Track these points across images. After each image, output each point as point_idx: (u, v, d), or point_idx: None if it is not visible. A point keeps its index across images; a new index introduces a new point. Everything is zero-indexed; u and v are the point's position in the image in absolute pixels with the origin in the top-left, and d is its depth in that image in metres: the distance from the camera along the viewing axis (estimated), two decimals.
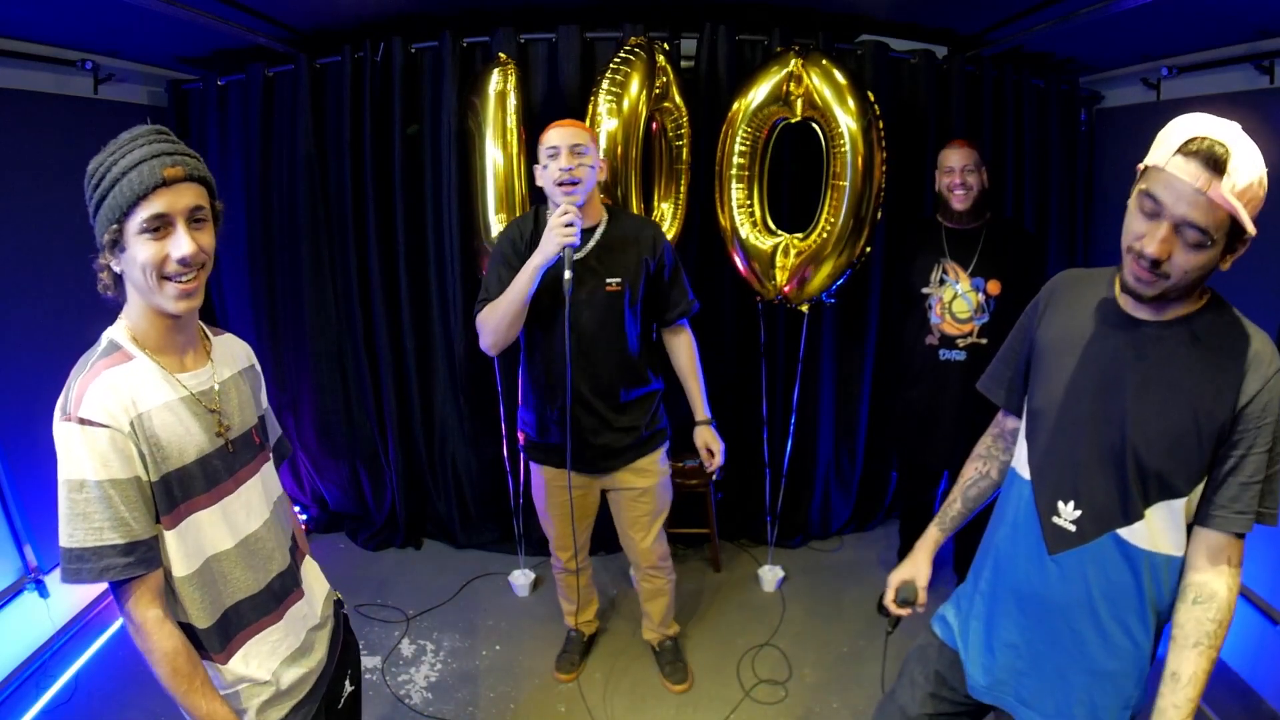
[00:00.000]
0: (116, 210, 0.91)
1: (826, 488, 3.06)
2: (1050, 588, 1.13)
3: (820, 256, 2.28)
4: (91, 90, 2.48)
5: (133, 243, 0.93)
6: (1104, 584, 1.08)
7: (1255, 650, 2.16)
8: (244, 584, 1.08)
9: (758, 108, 2.29)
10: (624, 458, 1.96)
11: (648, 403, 1.97)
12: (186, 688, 0.98)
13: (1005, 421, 1.35)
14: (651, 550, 2.11)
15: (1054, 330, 1.16)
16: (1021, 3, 2.19)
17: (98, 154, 0.95)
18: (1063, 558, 1.11)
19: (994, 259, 2.21)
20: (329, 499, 3.23)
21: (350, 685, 1.33)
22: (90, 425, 0.91)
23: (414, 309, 2.83)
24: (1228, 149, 0.89)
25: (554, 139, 1.74)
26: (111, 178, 0.92)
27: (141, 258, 0.93)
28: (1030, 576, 1.15)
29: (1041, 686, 1.18)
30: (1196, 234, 0.91)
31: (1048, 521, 1.12)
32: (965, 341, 2.24)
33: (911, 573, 1.39)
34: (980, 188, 2.21)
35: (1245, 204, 0.90)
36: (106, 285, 0.99)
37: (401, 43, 2.55)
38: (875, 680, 2.30)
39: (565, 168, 1.70)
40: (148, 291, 0.96)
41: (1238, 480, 1.00)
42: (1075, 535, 1.09)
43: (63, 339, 1.26)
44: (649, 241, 1.86)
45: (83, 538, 0.91)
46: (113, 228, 0.92)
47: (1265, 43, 2.13)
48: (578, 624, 2.35)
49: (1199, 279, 0.96)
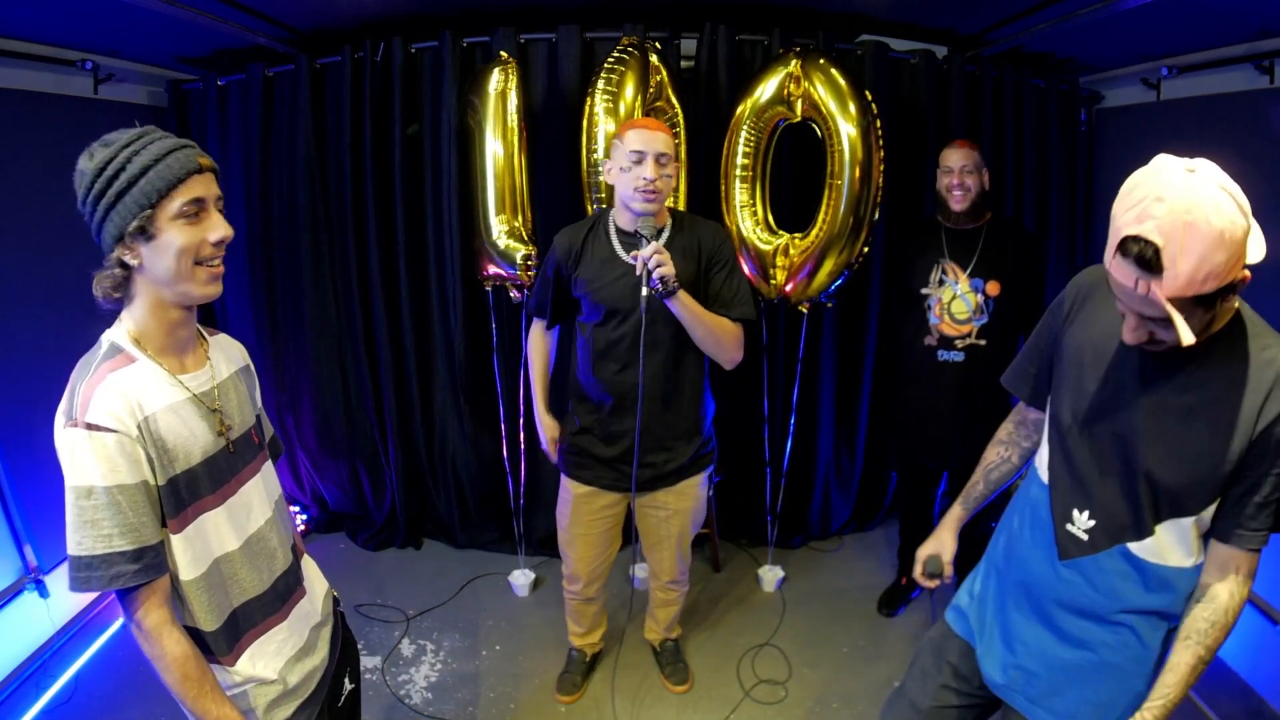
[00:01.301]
0: (151, 196, 0.92)
1: (826, 488, 3.06)
2: (1060, 591, 1.15)
3: (819, 256, 2.28)
4: (91, 90, 2.48)
5: (167, 229, 0.94)
6: (1111, 591, 1.10)
7: (1255, 650, 2.16)
8: (250, 584, 1.09)
9: (761, 108, 2.30)
10: (667, 480, 1.88)
11: (700, 422, 1.88)
12: (196, 693, 0.98)
13: (1027, 412, 1.37)
14: (675, 566, 2.06)
15: (1080, 335, 1.15)
16: (1021, 3, 2.19)
17: (90, 154, 0.94)
18: (1073, 564, 1.12)
19: (993, 260, 2.20)
20: (329, 499, 3.23)
21: (350, 683, 1.34)
22: (98, 430, 0.90)
23: (414, 309, 2.83)
24: (1158, 247, 0.85)
25: (638, 143, 1.62)
26: (140, 165, 0.92)
27: (179, 242, 0.94)
28: (1042, 578, 1.17)
29: (1051, 686, 1.19)
30: (1159, 323, 0.91)
31: (1061, 528, 1.13)
32: (964, 343, 2.24)
33: (937, 547, 1.43)
34: (979, 189, 2.20)
35: (1206, 280, 0.85)
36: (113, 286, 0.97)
37: (401, 43, 2.55)
38: (875, 680, 2.31)
39: (648, 178, 1.61)
40: (176, 280, 0.96)
41: (1254, 499, 1.00)
42: (1087, 544, 1.10)
43: (63, 339, 1.26)
44: (711, 247, 1.77)
45: (91, 545, 0.90)
46: (144, 214, 0.92)
47: (1265, 43, 2.13)
48: (582, 645, 2.29)
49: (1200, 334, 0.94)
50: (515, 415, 2.72)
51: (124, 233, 0.93)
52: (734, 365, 1.80)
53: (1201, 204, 0.84)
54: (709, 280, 1.77)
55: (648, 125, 1.68)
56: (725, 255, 1.78)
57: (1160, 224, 0.85)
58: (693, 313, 1.66)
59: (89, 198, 0.94)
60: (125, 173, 0.92)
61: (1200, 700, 2.12)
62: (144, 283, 0.97)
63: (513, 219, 2.37)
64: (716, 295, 1.76)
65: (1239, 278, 0.89)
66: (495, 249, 2.36)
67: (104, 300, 0.98)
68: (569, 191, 2.54)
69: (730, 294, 1.76)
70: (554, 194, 2.57)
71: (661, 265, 1.55)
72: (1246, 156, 2.19)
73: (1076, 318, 1.16)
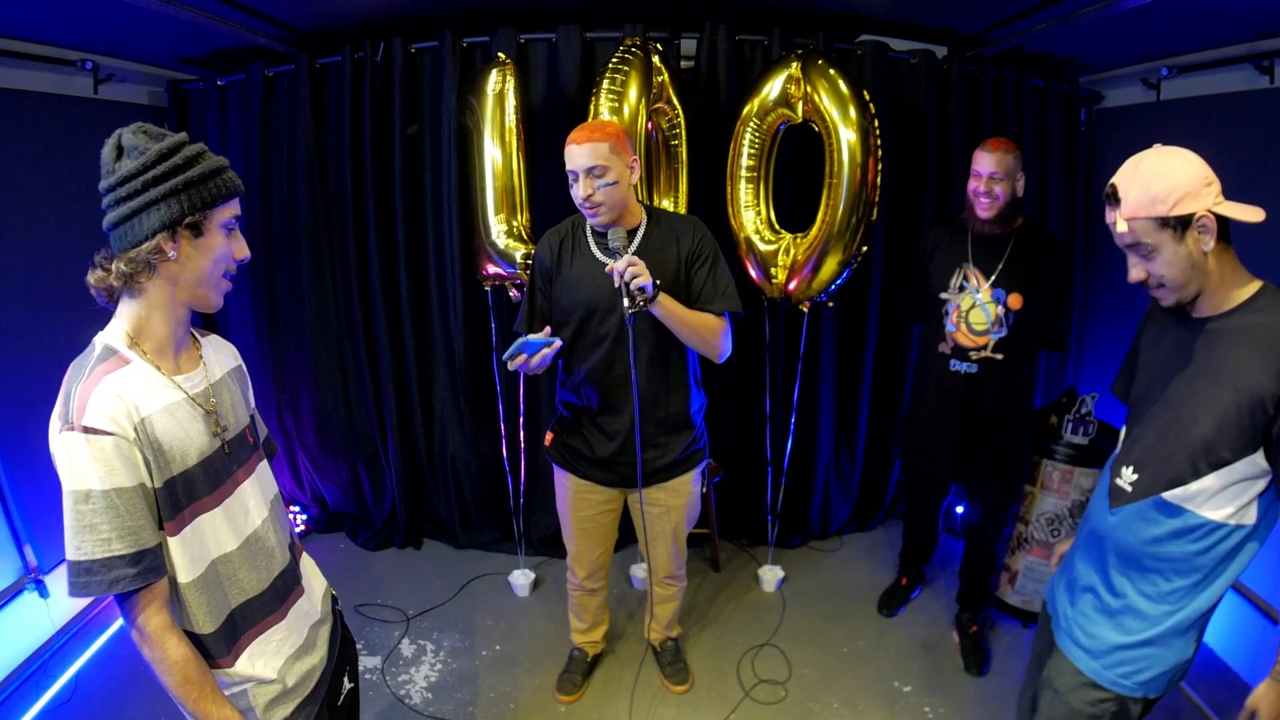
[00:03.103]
0: (214, 198, 0.97)
1: (826, 488, 3.06)
2: (1109, 534, 1.31)
3: (820, 256, 2.28)
4: (91, 90, 2.48)
5: (213, 233, 0.99)
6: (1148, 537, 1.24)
7: (1255, 650, 2.16)
8: (249, 584, 1.09)
9: (765, 110, 2.30)
10: (659, 476, 1.89)
11: (690, 417, 1.88)
12: (196, 695, 0.98)
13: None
14: (671, 561, 2.07)
15: (1148, 329, 1.38)
16: (1021, 3, 2.19)
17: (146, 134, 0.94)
18: (1119, 511, 1.29)
19: (1019, 272, 2.05)
20: (329, 499, 3.23)
21: (349, 682, 1.34)
22: (95, 434, 0.90)
23: (414, 309, 2.83)
24: (1115, 184, 1.15)
25: (571, 161, 1.65)
26: (210, 166, 0.97)
27: (221, 250, 1.00)
28: (1099, 525, 1.35)
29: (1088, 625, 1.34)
30: (1141, 248, 1.15)
31: (1113, 483, 1.33)
32: (978, 355, 2.11)
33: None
34: (1009, 197, 2.02)
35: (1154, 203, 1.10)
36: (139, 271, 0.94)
37: (401, 43, 2.55)
38: (875, 680, 2.31)
39: (581, 196, 1.65)
40: (203, 283, 1.00)
41: None
42: (1130, 494, 1.27)
43: (63, 339, 1.25)
44: (688, 239, 1.76)
45: (90, 550, 0.90)
46: (205, 211, 0.97)
47: (1265, 43, 2.13)
48: (584, 643, 2.29)
49: (1186, 273, 1.14)
50: (515, 415, 2.72)
51: (179, 222, 0.94)
52: (725, 359, 1.79)
53: (1150, 154, 1.15)
54: (690, 278, 1.77)
55: (577, 138, 1.65)
56: (706, 250, 1.77)
57: (1120, 173, 1.16)
58: (674, 314, 1.67)
59: (144, 177, 0.92)
60: (198, 166, 0.95)
61: (1200, 700, 2.12)
62: (162, 279, 0.97)
63: (512, 219, 2.37)
64: (700, 292, 1.76)
65: (1197, 213, 1.09)
66: (494, 248, 2.36)
67: (99, 294, 0.97)
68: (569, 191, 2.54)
69: (713, 289, 1.75)
70: (554, 194, 2.57)
71: (637, 276, 1.56)
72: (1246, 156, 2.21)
73: (1149, 316, 1.40)
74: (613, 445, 1.83)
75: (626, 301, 1.58)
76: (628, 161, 1.69)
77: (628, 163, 1.69)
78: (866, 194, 2.21)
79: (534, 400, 2.82)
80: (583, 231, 1.80)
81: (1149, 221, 1.12)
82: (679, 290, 1.74)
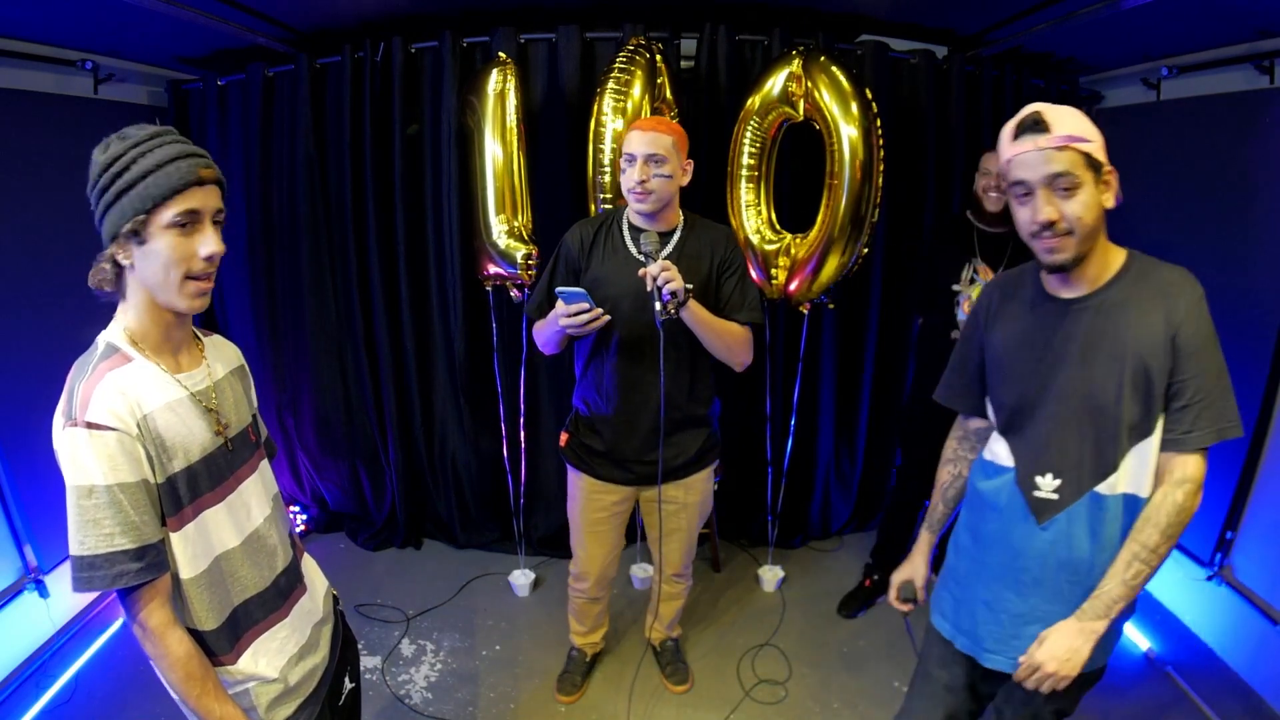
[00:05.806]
0: (148, 201, 0.92)
1: (826, 488, 3.06)
2: (1045, 552, 1.22)
3: (821, 256, 2.28)
4: (91, 90, 2.48)
5: (158, 236, 0.93)
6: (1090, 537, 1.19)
7: (1255, 650, 2.16)
8: (251, 581, 1.09)
9: (766, 107, 2.30)
10: (677, 474, 1.91)
11: (709, 418, 1.92)
12: (199, 692, 0.98)
13: (968, 424, 1.46)
14: (682, 558, 2.08)
15: (1004, 330, 1.28)
16: (1021, 3, 2.19)
17: (105, 145, 0.94)
18: (1051, 524, 1.21)
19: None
20: (329, 499, 3.23)
21: (350, 682, 1.34)
22: (98, 429, 0.90)
23: (414, 309, 2.83)
24: (1040, 111, 1.08)
25: (632, 145, 1.67)
26: (142, 168, 0.92)
27: (167, 253, 0.94)
28: (1025, 547, 1.24)
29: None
30: (1064, 179, 1.07)
31: (1031, 496, 1.23)
32: None
33: (910, 573, 1.52)
34: None
35: (1084, 137, 1.06)
36: (105, 279, 0.97)
37: (401, 43, 2.55)
38: (875, 680, 2.31)
39: (636, 179, 1.66)
40: (162, 288, 0.96)
41: (1176, 405, 1.12)
42: (1059, 501, 1.20)
43: (63, 339, 1.26)
44: (722, 249, 1.79)
45: (94, 544, 0.90)
46: (138, 218, 0.92)
47: (1265, 43, 2.13)
48: (583, 644, 2.29)
49: (1095, 222, 1.10)
50: (515, 415, 2.72)
51: (119, 232, 0.93)
52: (744, 368, 1.82)
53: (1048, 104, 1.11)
54: (720, 285, 1.79)
55: (643, 126, 1.69)
56: (737, 261, 1.81)
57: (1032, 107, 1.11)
58: (703, 321, 1.69)
59: (94, 190, 0.95)
60: (128, 173, 0.92)
61: (1200, 700, 2.12)
62: (135, 282, 0.98)
63: (512, 219, 2.37)
64: (727, 300, 1.79)
65: (1106, 165, 1.09)
66: (495, 248, 2.36)
67: (99, 291, 0.98)
68: (569, 191, 2.54)
69: (740, 299, 1.79)
70: (554, 193, 2.57)
71: (670, 281, 1.56)
72: (1246, 156, 2.21)
73: (995, 320, 1.31)
74: (634, 442, 1.84)
75: (658, 305, 1.59)
76: (683, 162, 1.72)
77: (683, 164, 1.72)
78: (869, 194, 2.21)
79: (534, 400, 2.83)
80: (619, 227, 1.80)
81: (1078, 155, 1.07)
82: (708, 298, 1.76)
